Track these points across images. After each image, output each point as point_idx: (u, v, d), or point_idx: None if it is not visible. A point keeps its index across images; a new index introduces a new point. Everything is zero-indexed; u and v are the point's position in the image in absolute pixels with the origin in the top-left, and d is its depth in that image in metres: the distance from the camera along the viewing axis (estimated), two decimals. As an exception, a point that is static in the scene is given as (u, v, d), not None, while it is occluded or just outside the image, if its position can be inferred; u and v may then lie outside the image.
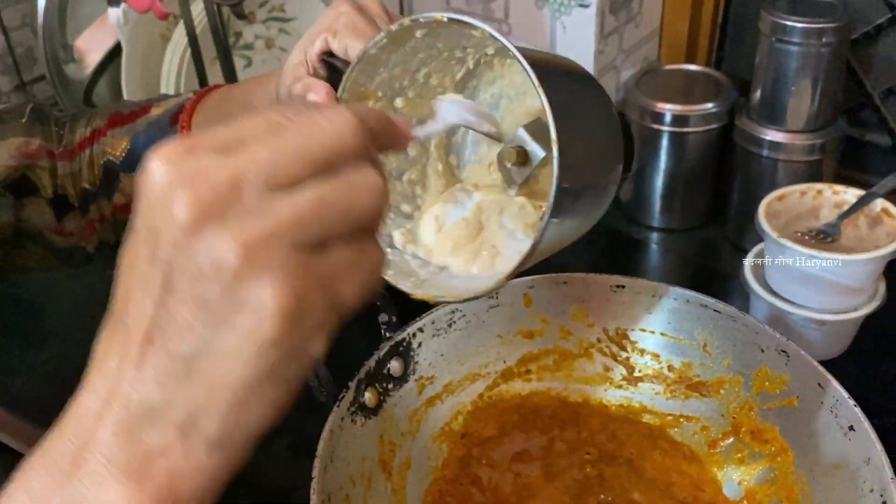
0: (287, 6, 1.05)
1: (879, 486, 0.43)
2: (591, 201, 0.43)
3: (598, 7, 0.86)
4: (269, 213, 0.25)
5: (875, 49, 0.88)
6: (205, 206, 0.25)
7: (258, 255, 0.24)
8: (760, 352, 0.53)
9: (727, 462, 0.55)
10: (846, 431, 0.47)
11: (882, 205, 0.75)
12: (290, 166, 0.26)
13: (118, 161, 0.63)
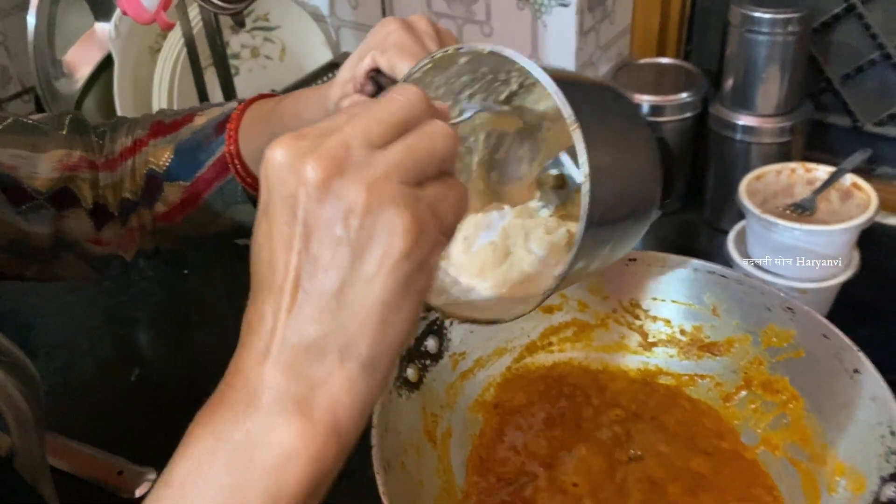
0: (271, 15, 1.08)
1: (887, 419, 0.49)
2: (624, 231, 0.44)
3: (578, 6, 0.91)
4: (376, 163, 0.31)
5: (833, 37, 0.95)
6: (328, 165, 0.30)
7: (379, 193, 0.30)
8: (767, 310, 0.59)
9: (742, 413, 0.60)
10: (852, 374, 0.52)
11: (852, 179, 0.82)
12: (380, 129, 0.32)
13: (162, 170, 0.63)
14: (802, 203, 0.82)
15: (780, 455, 0.56)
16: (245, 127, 0.62)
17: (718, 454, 0.57)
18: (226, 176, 0.63)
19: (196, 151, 0.63)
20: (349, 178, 0.30)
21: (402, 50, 0.50)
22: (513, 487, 0.55)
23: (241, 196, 0.63)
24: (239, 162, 0.62)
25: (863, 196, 0.80)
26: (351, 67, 0.53)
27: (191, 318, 0.96)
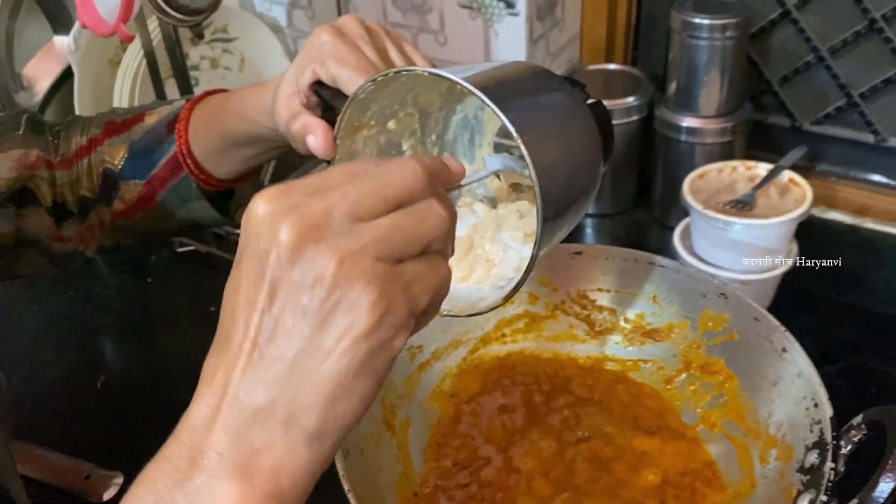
0: (230, 27, 1.10)
1: (812, 393, 0.52)
2: (576, 209, 0.45)
3: (527, 14, 0.95)
4: (356, 235, 0.30)
5: (770, 41, 1.00)
6: (304, 229, 0.30)
7: (351, 266, 0.30)
8: (702, 297, 0.62)
9: (683, 394, 0.64)
10: (780, 353, 0.56)
11: (789, 175, 0.86)
12: (370, 202, 0.31)
13: (117, 169, 0.65)
14: (743, 199, 0.87)
15: (717, 431, 0.60)
16: (194, 126, 0.63)
17: (661, 433, 0.60)
18: (179, 174, 0.64)
19: (149, 151, 0.64)
20: (323, 246, 0.30)
21: (339, 60, 0.51)
22: (469, 471, 0.58)
23: (196, 193, 0.65)
24: (191, 160, 0.64)
25: (799, 191, 0.85)
26: (292, 82, 0.54)
27: (154, 326, 0.97)
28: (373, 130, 0.50)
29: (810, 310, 0.87)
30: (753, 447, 0.56)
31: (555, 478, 0.57)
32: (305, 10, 1.12)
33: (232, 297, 0.32)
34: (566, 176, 0.43)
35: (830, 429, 0.49)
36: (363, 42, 0.52)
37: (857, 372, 0.77)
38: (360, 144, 0.50)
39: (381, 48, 0.53)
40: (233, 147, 0.63)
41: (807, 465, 0.49)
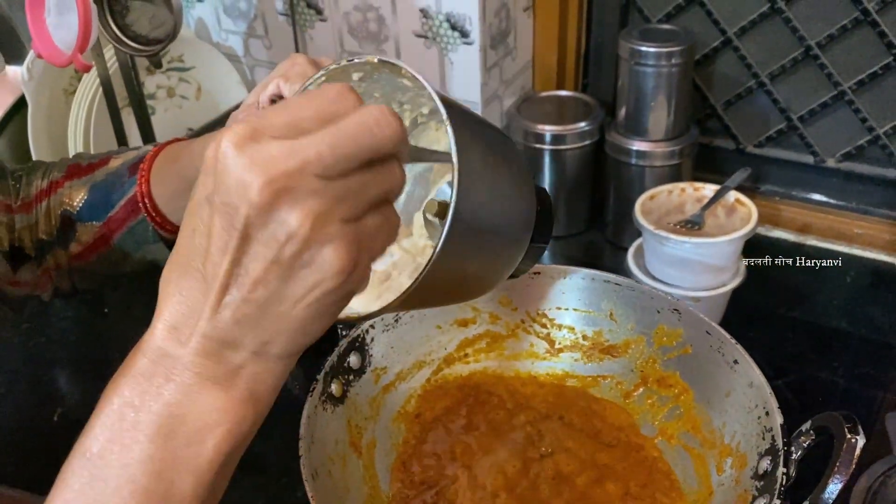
0: (186, 56, 1.10)
1: (763, 402, 0.55)
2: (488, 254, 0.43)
3: (481, 43, 0.97)
4: (326, 194, 0.31)
5: (714, 68, 1.04)
6: (277, 189, 0.30)
7: (321, 227, 0.31)
8: (657, 313, 0.65)
9: (641, 408, 0.66)
10: (731, 365, 0.59)
11: (735, 196, 0.89)
12: (344, 163, 0.31)
13: (75, 211, 0.64)
14: (692, 219, 0.90)
15: (675, 443, 0.62)
16: (157, 168, 0.63)
17: (621, 446, 0.62)
18: (137, 216, 0.64)
19: (109, 192, 0.64)
20: (296, 206, 0.30)
21: (304, 78, 0.52)
22: (435, 490, 0.59)
23: (153, 236, 0.64)
24: (149, 201, 0.63)
25: (745, 210, 0.88)
26: (256, 93, 0.56)
27: (111, 357, 0.96)
28: None
29: (759, 324, 0.90)
30: (709, 456, 0.59)
31: (519, 494, 0.58)
32: (262, 40, 1.13)
33: (203, 233, 0.32)
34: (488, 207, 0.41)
35: (781, 436, 0.51)
36: None
37: (804, 383, 0.80)
38: None
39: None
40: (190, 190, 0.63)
41: (760, 472, 0.51)
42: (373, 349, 0.64)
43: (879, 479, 0.65)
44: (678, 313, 0.63)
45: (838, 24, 0.93)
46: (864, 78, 0.95)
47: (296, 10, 1.06)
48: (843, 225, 1.02)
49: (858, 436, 0.45)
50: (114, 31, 0.82)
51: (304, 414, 0.55)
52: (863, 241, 1.01)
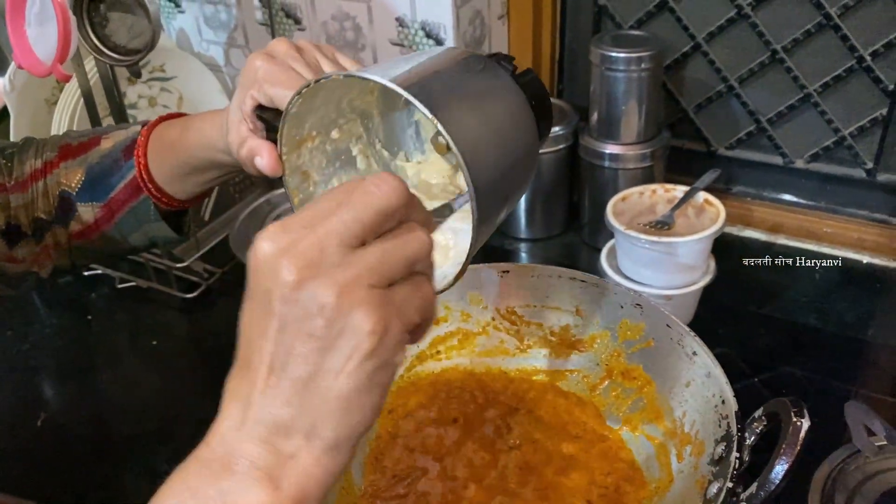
0: (167, 66, 1.12)
1: (719, 391, 0.57)
2: (516, 186, 0.46)
3: (456, 50, 0.99)
4: (349, 264, 0.34)
5: (684, 73, 1.06)
6: (303, 267, 0.33)
7: (349, 295, 0.33)
8: (620, 308, 0.66)
9: (606, 400, 0.67)
10: (691, 356, 0.61)
11: (704, 196, 0.92)
12: (357, 229, 0.34)
13: (74, 192, 0.66)
14: (662, 219, 0.92)
15: (638, 433, 0.64)
16: (153, 153, 0.65)
17: (586, 437, 0.64)
18: (138, 197, 0.66)
19: (107, 175, 0.66)
20: (322, 279, 0.33)
21: (272, 81, 0.52)
22: (407, 482, 0.61)
23: (154, 215, 0.66)
24: (151, 184, 0.65)
25: (714, 210, 0.90)
26: (237, 109, 0.56)
27: (95, 363, 0.97)
28: (316, 141, 0.51)
29: (730, 321, 0.92)
30: (671, 445, 0.60)
31: (488, 484, 0.60)
32: (242, 49, 1.15)
33: (248, 327, 0.35)
34: (500, 165, 0.44)
35: (735, 422, 0.53)
36: (293, 60, 0.54)
37: (778, 378, 0.82)
38: (307, 156, 0.51)
39: (313, 62, 0.55)
40: (193, 173, 0.65)
41: (716, 457, 0.53)
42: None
43: (839, 467, 0.67)
44: (640, 308, 0.65)
45: (803, 29, 0.95)
46: (829, 80, 0.97)
47: (275, 20, 1.08)
48: (812, 224, 1.05)
49: (804, 419, 0.47)
50: (93, 41, 0.83)
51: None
52: (832, 239, 1.04)
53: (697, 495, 0.53)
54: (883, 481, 0.65)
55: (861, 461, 0.67)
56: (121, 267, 1.07)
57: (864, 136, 0.99)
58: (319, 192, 0.52)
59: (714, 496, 0.49)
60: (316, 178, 0.52)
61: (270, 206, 1.09)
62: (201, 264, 1.05)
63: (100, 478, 0.79)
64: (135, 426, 0.85)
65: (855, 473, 0.66)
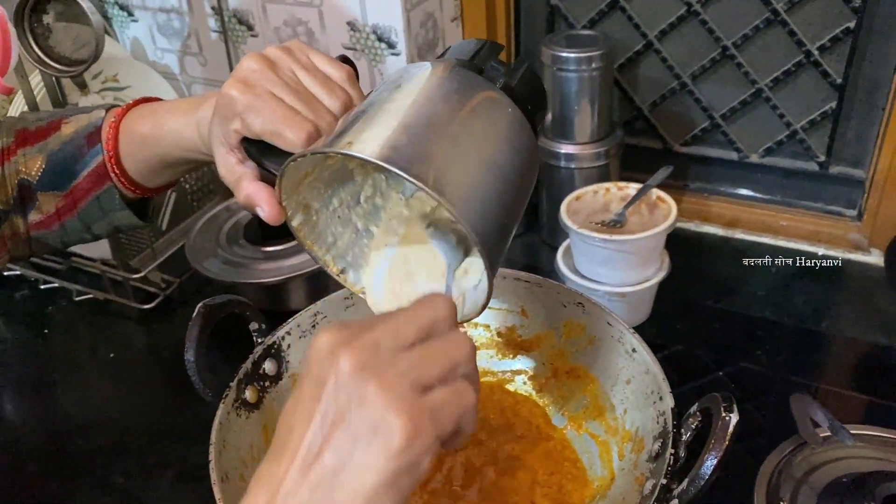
0: (120, 76, 1.11)
1: (656, 387, 0.57)
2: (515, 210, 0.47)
3: (408, 54, 0.99)
4: (396, 363, 0.35)
5: (638, 71, 1.07)
6: (358, 358, 0.35)
7: (388, 391, 0.34)
8: (563, 307, 0.67)
9: (552, 400, 0.68)
10: (630, 353, 0.61)
11: (657, 193, 0.92)
12: (408, 331, 0.37)
13: (34, 180, 0.64)
14: (615, 217, 0.92)
15: (582, 432, 0.64)
16: (124, 146, 0.62)
17: (531, 437, 0.64)
18: (103, 185, 0.63)
19: (70, 162, 0.63)
20: (369, 372, 0.34)
21: (254, 114, 0.50)
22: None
23: (119, 203, 0.64)
24: (123, 177, 0.63)
25: (666, 207, 0.91)
26: (222, 143, 0.53)
27: (53, 378, 0.96)
28: (314, 175, 0.50)
29: (687, 316, 0.92)
30: (613, 443, 0.61)
31: (433, 489, 0.60)
32: (197, 57, 1.15)
33: (290, 415, 0.36)
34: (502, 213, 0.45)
35: (671, 419, 0.53)
36: (271, 84, 0.50)
37: (736, 372, 0.82)
38: (306, 191, 0.50)
39: (291, 80, 0.51)
40: (168, 167, 0.63)
41: (653, 454, 0.54)
42: (290, 355, 0.66)
43: (785, 459, 0.67)
44: (582, 306, 0.65)
45: (751, 25, 0.96)
46: (780, 75, 0.98)
47: (228, 27, 1.08)
48: (768, 218, 1.06)
49: (732, 413, 0.47)
50: (36, 53, 0.83)
51: (216, 420, 0.56)
52: (787, 232, 1.04)
53: (637, 493, 0.53)
54: (827, 472, 0.66)
55: (807, 452, 0.67)
56: (78, 279, 1.06)
57: (815, 129, 1.00)
58: (323, 218, 0.52)
59: (649, 494, 0.50)
60: (316, 206, 0.51)
61: (229, 213, 1.08)
62: (158, 275, 1.04)
63: (54, 493, 0.78)
64: (91, 440, 0.84)
65: (801, 465, 0.67)
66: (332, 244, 0.52)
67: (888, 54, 0.91)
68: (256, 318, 0.64)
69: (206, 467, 0.54)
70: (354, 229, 0.53)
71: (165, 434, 0.82)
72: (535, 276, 0.69)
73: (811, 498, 0.63)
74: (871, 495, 0.60)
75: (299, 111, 0.49)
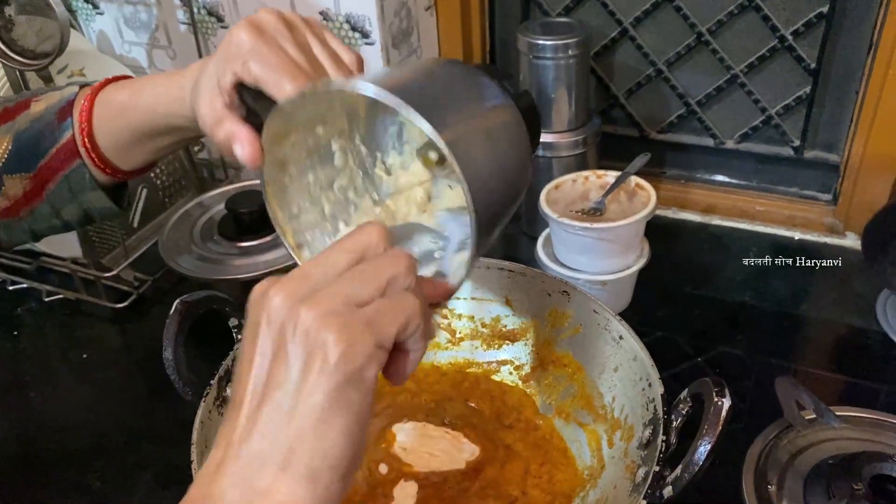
0: (87, 70, 1.08)
1: (646, 374, 0.57)
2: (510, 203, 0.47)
3: (382, 44, 0.98)
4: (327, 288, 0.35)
5: (613, 59, 1.07)
6: (288, 291, 0.35)
7: (321, 312, 0.34)
8: (548, 296, 0.66)
9: (539, 389, 0.67)
10: (618, 341, 0.60)
11: (635, 181, 0.92)
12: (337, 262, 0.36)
13: (0, 163, 0.61)
14: (594, 205, 0.92)
15: (570, 420, 0.64)
16: (99, 118, 0.59)
17: (520, 427, 0.63)
18: (72, 164, 0.60)
19: (37, 140, 0.60)
20: (300, 301, 0.34)
21: (259, 60, 0.48)
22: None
23: (90, 183, 0.61)
24: (94, 153, 0.60)
25: (645, 194, 0.90)
26: (214, 83, 0.51)
27: (23, 380, 0.94)
28: (300, 135, 0.49)
29: (667, 303, 0.92)
30: (602, 431, 0.60)
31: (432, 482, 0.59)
32: (166, 50, 1.12)
33: (237, 370, 0.36)
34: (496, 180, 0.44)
35: (662, 405, 0.53)
36: (283, 39, 0.49)
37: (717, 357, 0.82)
38: (288, 149, 0.49)
39: (303, 43, 0.50)
40: (146, 139, 0.60)
41: (644, 441, 0.53)
42: (271, 350, 0.64)
43: (771, 442, 0.67)
44: (567, 295, 0.65)
45: (726, 10, 0.96)
46: (754, 61, 0.98)
47: (197, 19, 1.05)
48: (745, 203, 1.06)
49: (725, 398, 0.47)
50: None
51: (197, 419, 0.54)
52: (764, 217, 1.05)
53: (628, 480, 0.53)
54: (813, 454, 0.66)
55: (793, 435, 0.68)
56: (47, 280, 1.04)
57: (790, 114, 1.01)
58: (295, 186, 0.50)
59: (641, 481, 0.49)
60: (293, 172, 0.50)
61: (202, 209, 1.06)
62: (131, 273, 1.02)
63: (28, 498, 0.76)
64: (65, 443, 0.82)
65: (787, 448, 0.67)
66: (294, 215, 0.50)
67: (861, 38, 0.92)
68: (236, 313, 0.63)
69: (186, 468, 0.53)
70: (321, 212, 0.51)
71: (143, 435, 0.80)
72: (519, 265, 0.68)
73: (798, 480, 0.64)
74: (859, 476, 0.60)
75: (304, 69, 0.48)
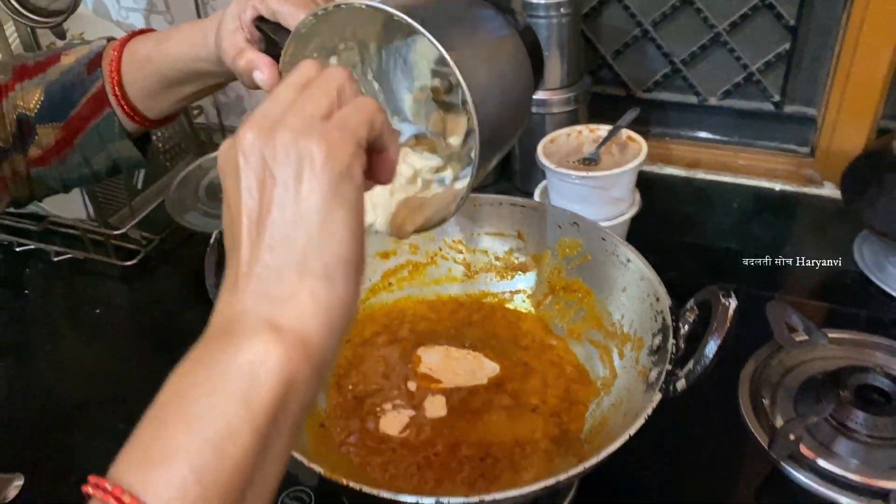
0: (87, 34, 1.10)
1: (652, 291, 0.61)
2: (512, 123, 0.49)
3: None
4: (289, 111, 0.36)
5: (601, 20, 1.11)
6: (254, 127, 0.36)
7: (294, 129, 0.35)
8: (558, 228, 0.70)
9: (551, 314, 0.72)
10: (625, 263, 0.65)
11: (626, 133, 0.96)
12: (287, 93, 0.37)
13: (33, 113, 0.63)
14: (589, 157, 0.96)
15: (582, 339, 0.68)
16: (127, 67, 0.62)
17: (535, 347, 0.68)
18: (102, 113, 0.63)
19: (69, 90, 0.63)
20: (269, 129, 0.35)
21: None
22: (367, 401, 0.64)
23: (119, 132, 0.64)
24: (125, 101, 0.63)
25: (636, 146, 0.95)
26: (234, 18, 0.55)
27: (36, 337, 0.95)
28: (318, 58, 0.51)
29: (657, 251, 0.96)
30: (612, 346, 0.65)
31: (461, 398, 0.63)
32: (164, 15, 1.14)
33: (227, 214, 0.37)
34: (500, 101, 0.47)
35: (670, 314, 0.58)
36: None
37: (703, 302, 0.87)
38: None
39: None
40: (172, 86, 0.63)
41: (654, 348, 0.58)
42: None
43: (763, 363, 0.73)
44: (577, 226, 0.69)
45: (709, -30, 1.01)
46: (737, 20, 1.03)
47: (196, -17, 1.08)
48: (727, 158, 1.11)
49: (731, 299, 0.52)
50: (11, 3, 0.82)
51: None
52: (746, 170, 1.10)
53: (641, 384, 0.57)
54: (803, 371, 0.72)
55: (783, 355, 0.73)
56: (54, 240, 1.06)
57: (770, 70, 1.06)
58: None
59: (655, 380, 0.54)
60: None
61: (203, 171, 1.09)
62: (138, 232, 1.04)
63: (53, 445, 0.78)
64: (85, 393, 0.84)
65: (778, 367, 0.72)
66: None
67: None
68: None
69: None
70: None
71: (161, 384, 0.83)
72: (532, 200, 0.73)
73: (790, 393, 0.69)
74: (845, 386, 0.66)
75: (317, 2, 0.52)
